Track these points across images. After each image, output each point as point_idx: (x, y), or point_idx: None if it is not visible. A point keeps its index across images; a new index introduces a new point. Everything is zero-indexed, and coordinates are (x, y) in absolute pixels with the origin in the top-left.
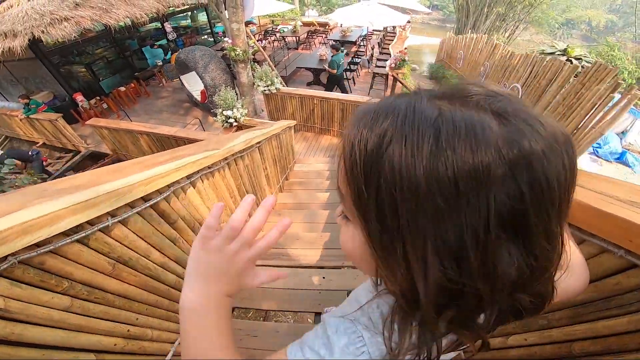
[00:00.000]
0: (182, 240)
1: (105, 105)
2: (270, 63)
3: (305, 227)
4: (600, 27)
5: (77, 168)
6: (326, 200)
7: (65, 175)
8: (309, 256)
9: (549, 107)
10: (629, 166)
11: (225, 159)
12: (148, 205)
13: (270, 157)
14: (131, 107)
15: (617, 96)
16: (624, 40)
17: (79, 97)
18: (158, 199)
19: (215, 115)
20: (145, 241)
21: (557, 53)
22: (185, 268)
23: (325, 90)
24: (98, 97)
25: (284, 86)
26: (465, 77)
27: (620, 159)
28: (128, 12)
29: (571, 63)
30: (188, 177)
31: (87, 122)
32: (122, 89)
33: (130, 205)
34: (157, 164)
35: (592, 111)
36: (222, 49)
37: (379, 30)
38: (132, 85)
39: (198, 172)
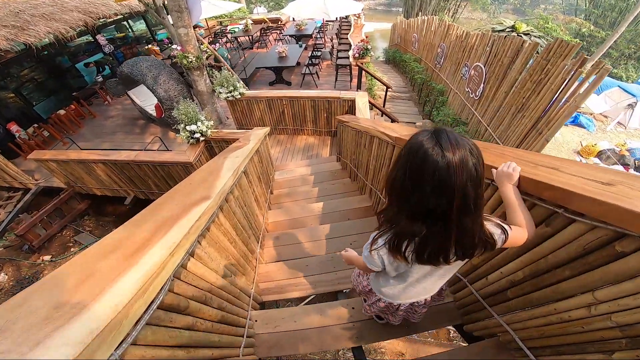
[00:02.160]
0: (200, 321)
1: (46, 133)
2: (228, 67)
3: (310, 247)
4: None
5: (31, 207)
6: (321, 210)
7: (19, 217)
8: (323, 282)
9: (517, 84)
10: (584, 127)
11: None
12: (152, 311)
13: (255, 176)
14: (78, 132)
15: (585, 69)
16: (554, 12)
17: (14, 127)
18: (161, 297)
19: (177, 131)
20: (164, 348)
21: (507, 30)
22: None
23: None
24: (36, 125)
25: (247, 90)
26: (423, 59)
27: (575, 121)
28: (49, 27)
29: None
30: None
31: (29, 157)
32: (62, 112)
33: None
34: (142, 248)
35: (563, 86)
36: (171, 57)
37: (333, 21)
38: (73, 106)
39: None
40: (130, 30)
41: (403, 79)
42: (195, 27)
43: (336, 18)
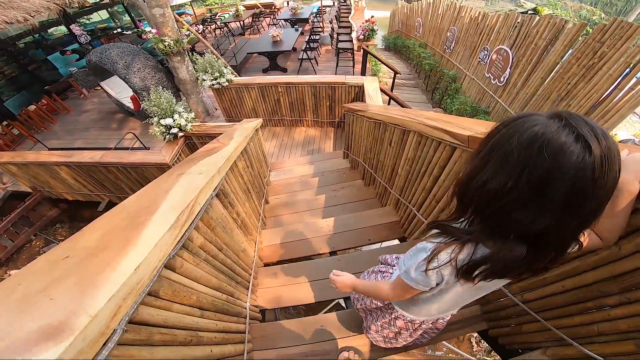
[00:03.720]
0: None
1: (15, 131)
2: (214, 50)
3: (319, 290)
4: None
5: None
6: (331, 229)
7: None
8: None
9: (558, 68)
10: None
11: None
12: None
13: (241, 190)
14: (50, 129)
15: None
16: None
17: None
18: None
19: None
20: None
21: (529, 12)
22: None
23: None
24: (5, 123)
25: (236, 77)
26: (429, 44)
27: None
28: (5, 16)
29: None
30: None
31: None
32: (32, 107)
33: None
34: None
35: (627, 71)
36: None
37: (329, 6)
38: (44, 101)
39: None
40: (113, 19)
41: (407, 65)
42: (181, 14)
43: (333, 3)
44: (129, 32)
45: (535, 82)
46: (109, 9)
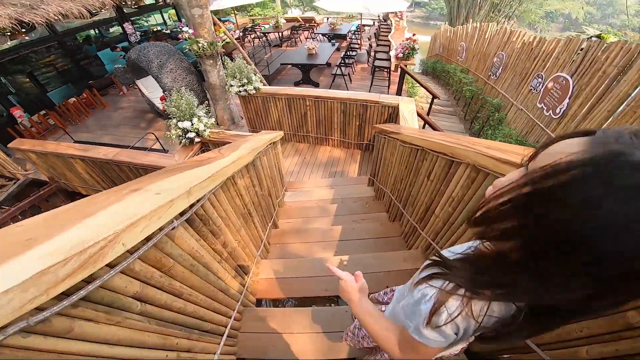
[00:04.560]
0: None
1: (51, 121)
2: (246, 56)
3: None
4: (579, 18)
5: (18, 198)
6: (347, 265)
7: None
8: None
9: (629, 101)
10: None
11: None
12: None
13: (236, 215)
14: (83, 122)
15: None
16: (621, 29)
17: (17, 112)
18: None
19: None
20: None
21: (592, 37)
22: None
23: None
24: (43, 112)
25: (265, 85)
26: (472, 69)
27: None
28: (62, 7)
29: None
30: None
31: (10, 145)
32: (72, 100)
33: None
34: None
35: None
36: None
37: (369, 25)
38: (84, 95)
39: None
40: (163, 21)
41: (445, 91)
42: (225, 21)
43: (373, 22)
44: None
45: (600, 115)
46: (162, 10)
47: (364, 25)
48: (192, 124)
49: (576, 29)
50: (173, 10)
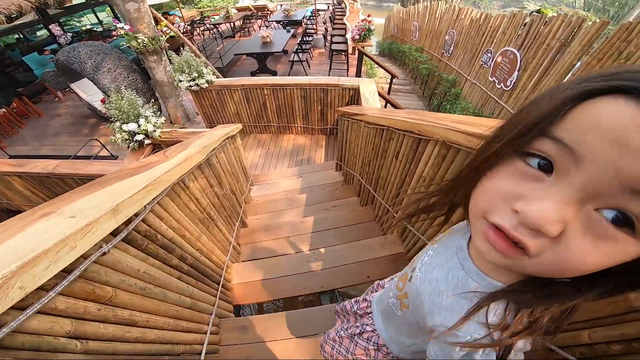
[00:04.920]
0: None
1: None
2: (194, 49)
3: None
4: None
5: None
6: (323, 259)
7: None
8: None
9: (575, 71)
10: None
11: None
12: None
13: (194, 222)
14: (18, 134)
15: None
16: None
17: None
18: None
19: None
20: None
21: (533, 13)
22: None
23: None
24: None
25: (219, 78)
26: (426, 48)
27: None
28: None
29: None
30: None
31: None
32: (1, 111)
33: None
34: None
35: None
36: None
37: (324, 10)
38: (14, 105)
39: None
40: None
41: (402, 70)
42: (171, 15)
43: (328, 6)
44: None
45: (548, 85)
46: (94, 9)
47: (318, 10)
48: (139, 126)
49: (517, 5)
50: (109, 8)
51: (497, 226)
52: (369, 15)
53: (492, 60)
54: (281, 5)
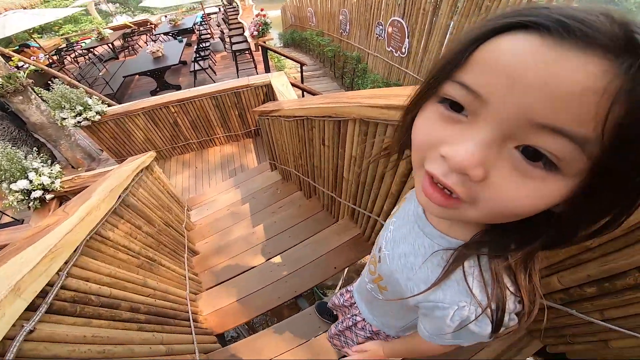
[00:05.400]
0: None
1: None
2: (69, 79)
3: None
4: None
5: None
6: (286, 264)
7: None
8: None
9: (451, 29)
10: None
11: None
12: None
13: (132, 279)
14: None
15: None
16: None
17: None
18: None
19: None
20: None
21: None
22: None
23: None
24: None
25: (113, 105)
26: (325, 31)
27: None
28: None
29: None
30: None
31: None
32: None
33: None
34: None
35: None
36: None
37: (215, 13)
38: None
39: None
40: None
41: (310, 57)
42: (23, 47)
43: (219, 8)
44: None
45: (434, 46)
46: None
47: (208, 14)
48: (31, 181)
49: None
50: None
51: (430, 174)
52: (262, 10)
53: (384, 32)
54: (166, 16)
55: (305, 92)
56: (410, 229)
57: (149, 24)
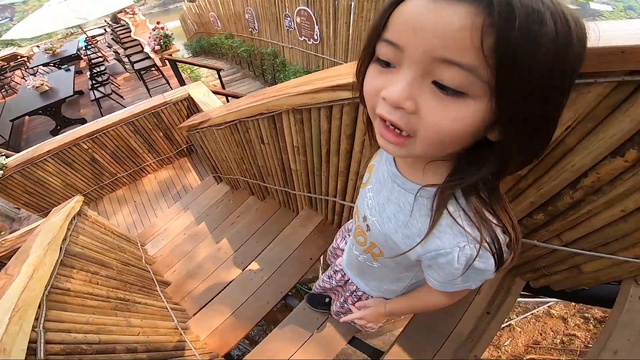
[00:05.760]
0: None
1: None
2: None
3: None
4: None
5: None
6: (263, 271)
7: None
8: None
9: (353, 10)
10: None
11: None
12: None
13: (113, 322)
14: None
15: None
16: None
17: None
18: None
19: None
20: None
21: None
22: None
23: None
24: None
25: (10, 156)
26: (234, 32)
27: None
28: None
29: None
30: None
31: None
32: None
33: None
34: None
35: None
36: None
37: (100, 34)
38: None
39: None
40: None
41: (225, 62)
42: None
43: (104, 29)
44: None
45: (342, 28)
46: None
47: (93, 37)
48: None
49: None
50: None
51: (380, 117)
52: (158, 23)
53: (293, 23)
54: (38, 47)
55: (229, 97)
56: (390, 189)
57: (19, 57)
